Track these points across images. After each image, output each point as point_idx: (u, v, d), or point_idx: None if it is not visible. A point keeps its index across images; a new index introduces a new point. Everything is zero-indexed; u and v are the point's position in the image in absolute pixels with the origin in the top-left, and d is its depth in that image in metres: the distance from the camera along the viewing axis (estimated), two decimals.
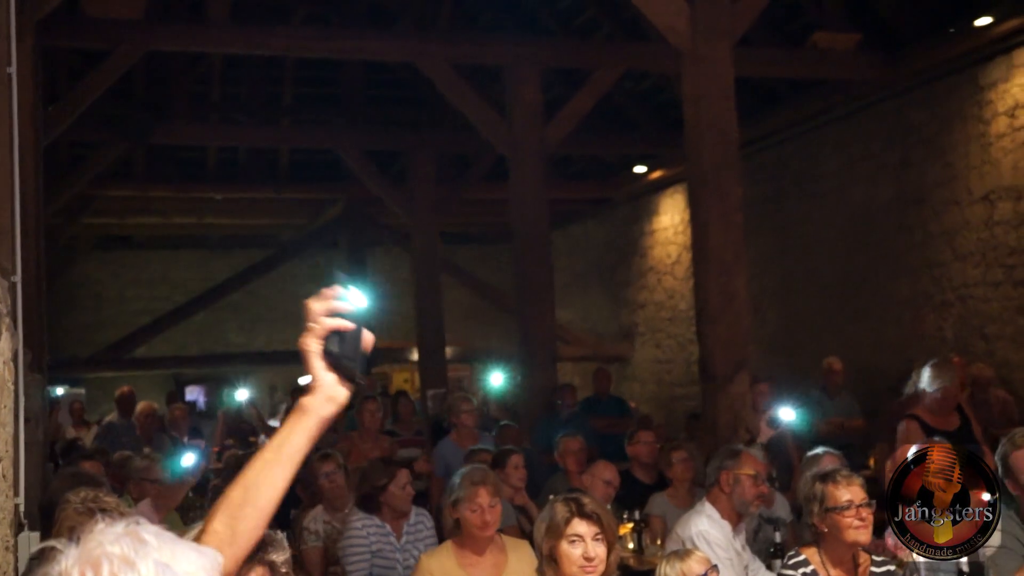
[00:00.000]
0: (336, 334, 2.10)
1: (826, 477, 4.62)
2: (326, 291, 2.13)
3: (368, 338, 2.15)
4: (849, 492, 4.49)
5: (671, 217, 17.10)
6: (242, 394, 16.31)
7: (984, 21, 10.43)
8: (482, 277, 20.16)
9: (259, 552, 2.74)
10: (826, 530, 4.52)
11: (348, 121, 15.96)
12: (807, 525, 4.71)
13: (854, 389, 10.76)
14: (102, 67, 10.79)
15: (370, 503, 6.23)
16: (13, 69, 4.77)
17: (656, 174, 16.77)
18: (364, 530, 6.11)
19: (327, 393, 2.13)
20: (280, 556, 2.80)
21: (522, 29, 13.65)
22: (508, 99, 11.68)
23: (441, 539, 6.28)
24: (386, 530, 6.17)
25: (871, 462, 9.09)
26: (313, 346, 2.11)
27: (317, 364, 2.12)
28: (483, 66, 13.43)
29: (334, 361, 2.11)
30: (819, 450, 6.22)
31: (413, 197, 15.56)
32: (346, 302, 2.11)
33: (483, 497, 4.99)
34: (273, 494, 2.08)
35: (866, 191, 12.65)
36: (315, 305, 2.12)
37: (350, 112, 16.14)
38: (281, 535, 2.85)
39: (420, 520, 6.39)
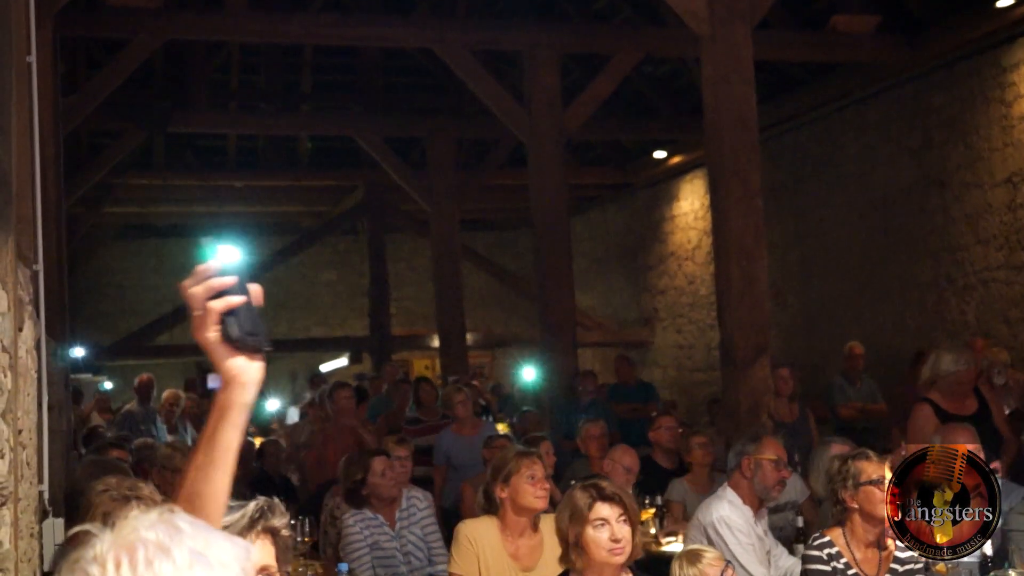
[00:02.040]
0: (229, 314, 1.93)
1: (858, 455, 4.65)
2: (199, 270, 1.94)
3: (255, 292, 1.99)
4: (881, 469, 4.52)
5: (691, 202, 17.06)
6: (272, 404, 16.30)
7: (1006, 2, 10.34)
8: (502, 263, 20.18)
9: (260, 520, 2.78)
10: (856, 505, 4.53)
11: (367, 108, 15.97)
12: (834, 504, 4.70)
13: (875, 373, 10.73)
14: (121, 56, 10.83)
15: (356, 498, 6.25)
16: (33, 58, 4.79)
17: (676, 159, 16.73)
18: (357, 526, 6.13)
19: (241, 380, 1.98)
20: (280, 521, 2.83)
21: (540, 15, 13.63)
22: (526, 85, 11.66)
23: (444, 515, 6.33)
24: (379, 521, 6.18)
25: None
26: (210, 335, 1.94)
27: (221, 353, 1.96)
28: (501, 52, 13.41)
29: (238, 344, 1.95)
30: (828, 439, 6.25)
31: (432, 183, 15.55)
32: (225, 276, 1.93)
33: (539, 467, 5.05)
34: (217, 496, 1.99)
35: (886, 175, 12.59)
36: (195, 290, 1.93)
37: (369, 99, 16.14)
38: (278, 501, 2.89)
39: (412, 503, 6.40)
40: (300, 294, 21.59)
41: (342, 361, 19.99)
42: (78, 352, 15.23)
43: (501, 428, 10.91)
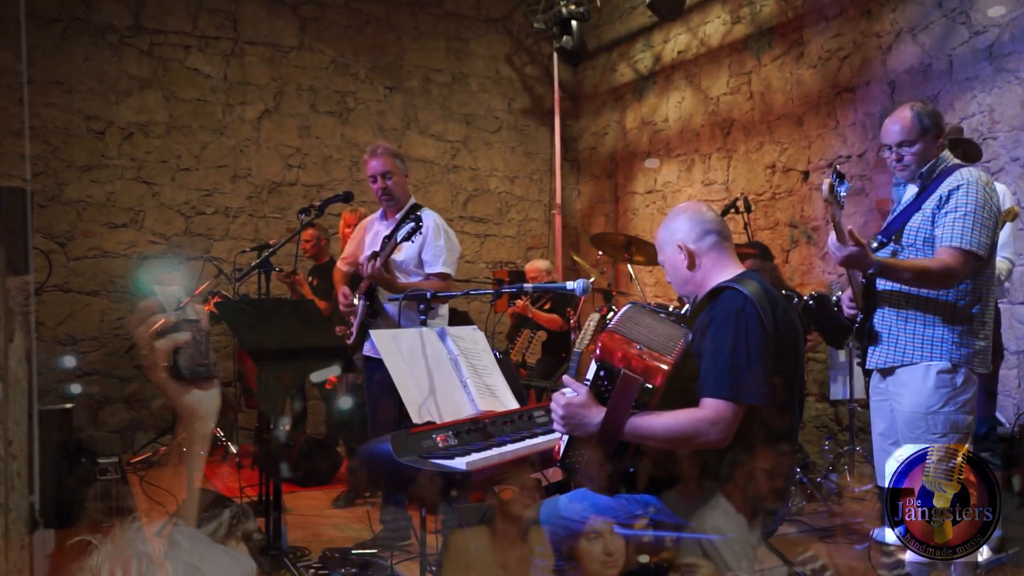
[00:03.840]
0: (176, 351, 1.91)
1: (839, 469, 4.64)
2: (141, 307, 1.92)
3: (201, 314, 1.95)
4: (862, 484, 4.50)
5: None
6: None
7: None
8: None
9: (237, 526, 2.84)
10: (839, 521, 4.52)
11: None
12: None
13: None
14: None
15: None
16: (23, 66, 4.77)
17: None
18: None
19: (200, 413, 1.95)
20: (253, 525, 2.92)
21: None
22: None
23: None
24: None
25: None
26: (160, 374, 1.91)
27: (175, 390, 1.93)
28: None
29: (189, 376, 1.93)
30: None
31: None
32: (166, 313, 1.91)
33: (528, 477, 5.08)
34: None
35: None
36: (139, 331, 1.90)
37: None
38: (248, 508, 2.98)
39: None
40: None
41: (335, 370, 19.87)
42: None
43: None
